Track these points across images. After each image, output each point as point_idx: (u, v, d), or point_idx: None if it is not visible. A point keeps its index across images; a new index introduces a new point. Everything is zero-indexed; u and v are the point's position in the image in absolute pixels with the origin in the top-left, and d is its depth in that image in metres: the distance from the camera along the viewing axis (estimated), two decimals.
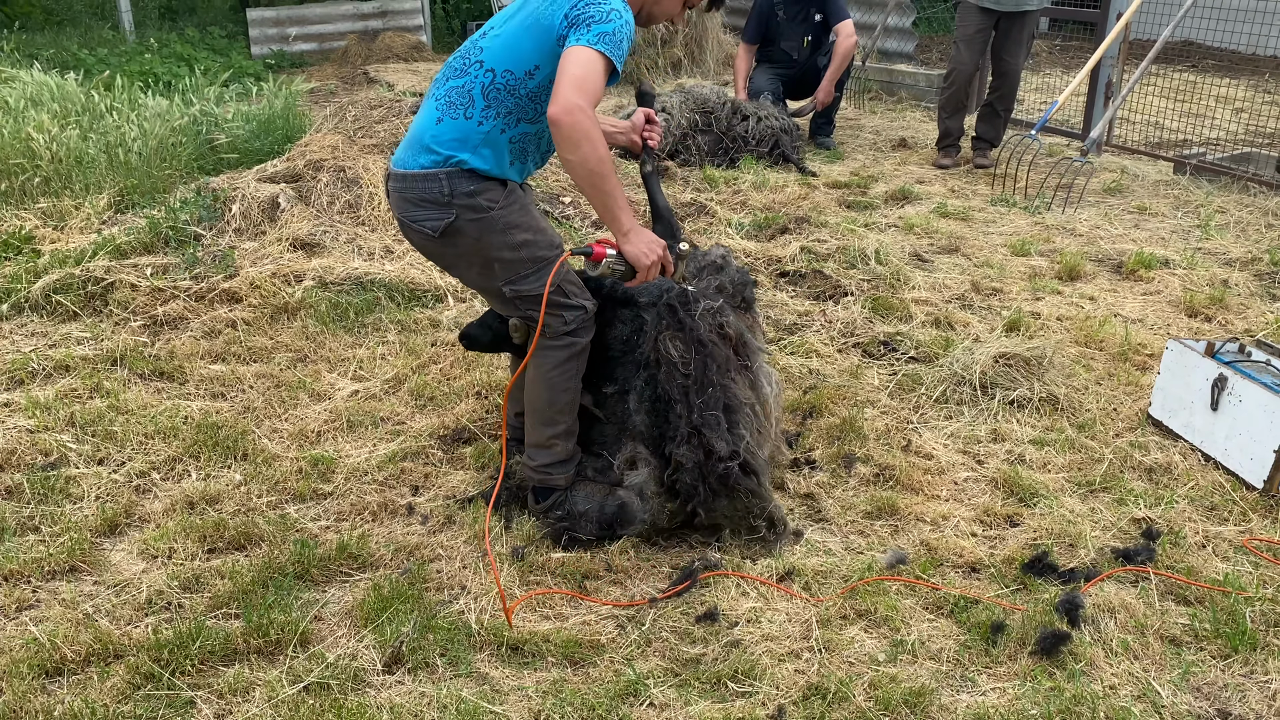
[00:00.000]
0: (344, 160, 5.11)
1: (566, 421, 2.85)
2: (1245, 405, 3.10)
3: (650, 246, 2.58)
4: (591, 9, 2.48)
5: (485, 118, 2.61)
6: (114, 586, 2.64)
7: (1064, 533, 2.87)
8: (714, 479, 2.67)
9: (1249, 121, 8.07)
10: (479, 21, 12.25)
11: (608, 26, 2.46)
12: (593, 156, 2.42)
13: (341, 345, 4.01)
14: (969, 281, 4.69)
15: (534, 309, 2.68)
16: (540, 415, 2.83)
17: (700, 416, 2.67)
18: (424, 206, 2.63)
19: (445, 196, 2.60)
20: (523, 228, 2.68)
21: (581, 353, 2.80)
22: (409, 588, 2.59)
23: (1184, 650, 2.42)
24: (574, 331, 2.75)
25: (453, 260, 2.77)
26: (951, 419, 3.52)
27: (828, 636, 2.45)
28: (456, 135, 2.61)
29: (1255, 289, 4.63)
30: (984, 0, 6.41)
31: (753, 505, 2.74)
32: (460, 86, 2.63)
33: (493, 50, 2.62)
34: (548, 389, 2.79)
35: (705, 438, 2.66)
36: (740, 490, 2.69)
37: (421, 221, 2.65)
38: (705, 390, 2.67)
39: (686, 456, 2.68)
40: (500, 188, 2.65)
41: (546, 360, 2.77)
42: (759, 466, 2.74)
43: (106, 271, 4.32)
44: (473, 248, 2.66)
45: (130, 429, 3.36)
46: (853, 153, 7.32)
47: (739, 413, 2.72)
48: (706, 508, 2.73)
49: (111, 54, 9.86)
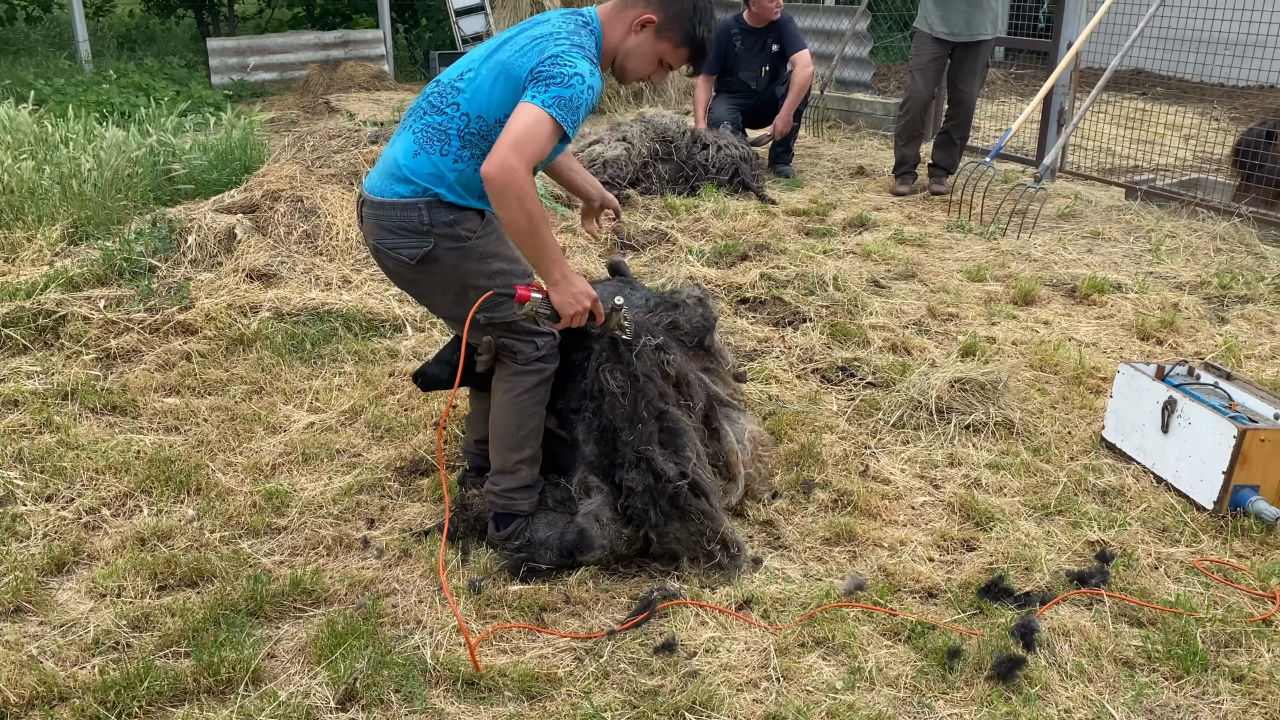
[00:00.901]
0: (302, 190, 5.09)
1: (532, 447, 2.87)
2: (1194, 427, 3.15)
3: (576, 297, 2.61)
4: (555, 69, 2.50)
5: (460, 157, 2.64)
6: (60, 627, 2.58)
7: (1020, 556, 2.89)
8: (664, 501, 2.67)
9: (1198, 148, 8.25)
10: (442, 51, 12.29)
11: (565, 91, 2.48)
12: (522, 215, 2.46)
13: (298, 376, 3.98)
14: (925, 307, 4.74)
15: (505, 335, 2.75)
16: (507, 440, 2.84)
17: (645, 443, 2.69)
18: (402, 234, 2.66)
19: (425, 225, 2.63)
20: (499, 257, 2.73)
21: (549, 379, 2.85)
22: (363, 623, 2.56)
23: (1137, 672, 2.44)
24: (544, 358, 2.80)
25: (428, 287, 2.79)
26: (909, 444, 3.54)
27: (786, 665, 2.45)
28: (433, 170, 2.64)
29: (1204, 312, 4.72)
30: (938, 30, 6.52)
31: (705, 527, 2.73)
32: (438, 125, 2.66)
33: (468, 95, 2.65)
34: (516, 414, 2.81)
35: (653, 462, 2.68)
36: (692, 511, 2.69)
37: (398, 249, 2.67)
38: (645, 419, 2.70)
39: (636, 481, 2.69)
40: (478, 218, 2.69)
41: (517, 385, 2.81)
42: (709, 487, 2.74)
43: (58, 304, 4.26)
44: (450, 275, 2.70)
45: (80, 464, 3.30)
46: (811, 180, 7.39)
47: (684, 435, 2.73)
48: (659, 532, 2.72)
49: (68, 84, 9.76)
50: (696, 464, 2.74)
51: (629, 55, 2.72)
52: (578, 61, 2.52)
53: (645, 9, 2.68)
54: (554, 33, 2.60)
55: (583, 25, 2.67)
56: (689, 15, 2.69)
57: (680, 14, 2.68)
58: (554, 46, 2.55)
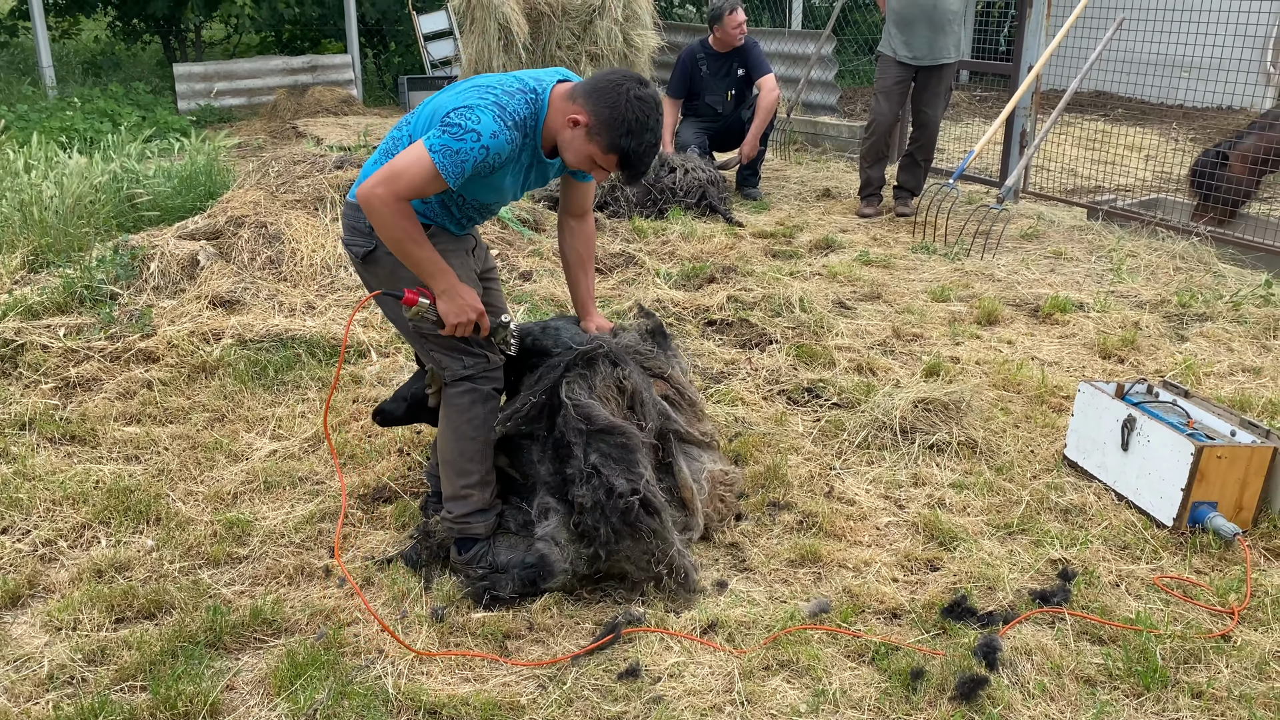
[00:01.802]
0: (266, 216, 5.06)
1: (479, 471, 2.87)
2: (1153, 445, 3.18)
3: (462, 309, 2.72)
4: (458, 117, 2.54)
5: None
6: (14, 662, 2.54)
7: (983, 575, 2.90)
8: (615, 517, 2.66)
9: (1158, 168, 8.38)
10: (411, 75, 12.30)
11: (455, 143, 2.52)
12: (391, 237, 2.63)
13: (260, 404, 3.94)
14: (890, 328, 4.77)
15: (435, 348, 2.84)
16: (452, 465, 2.86)
17: (597, 456, 2.70)
18: (353, 233, 2.84)
19: (366, 228, 2.78)
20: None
21: (486, 399, 2.86)
22: (324, 653, 2.53)
23: (1098, 690, 2.45)
24: (472, 377, 2.83)
25: (372, 285, 2.91)
26: (873, 464, 3.55)
27: (750, 689, 2.44)
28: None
29: (1164, 330, 4.78)
30: (901, 54, 6.61)
31: (655, 547, 2.72)
32: (395, 139, 2.80)
33: (418, 115, 2.78)
34: (456, 438, 2.84)
35: (604, 476, 2.68)
36: (643, 529, 2.69)
37: (350, 245, 2.86)
38: (597, 432, 2.72)
39: (587, 496, 2.69)
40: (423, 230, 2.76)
41: (451, 408, 2.86)
42: (660, 506, 2.74)
43: (17, 333, 4.20)
44: (386, 278, 2.83)
45: (37, 495, 3.25)
46: (778, 203, 7.44)
47: (636, 452, 2.74)
48: (609, 549, 2.71)
49: (32, 110, 9.69)
50: (649, 482, 2.73)
51: (565, 147, 2.68)
52: (484, 119, 2.53)
53: (580, 108, 2.62)
54: (489, 86, 2.64)
55: (525, 91, 2.64)
56: (617, 124, 2.58)
57: (610, 122, 2.59)
58: (475, 98, 2.58)
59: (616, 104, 2.58)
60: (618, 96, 2.58)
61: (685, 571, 2.78)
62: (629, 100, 2.58)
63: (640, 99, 2.59)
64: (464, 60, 9.62)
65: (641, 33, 9.45)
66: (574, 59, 9.40)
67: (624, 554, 2.73)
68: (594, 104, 2.60)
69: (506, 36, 9.07)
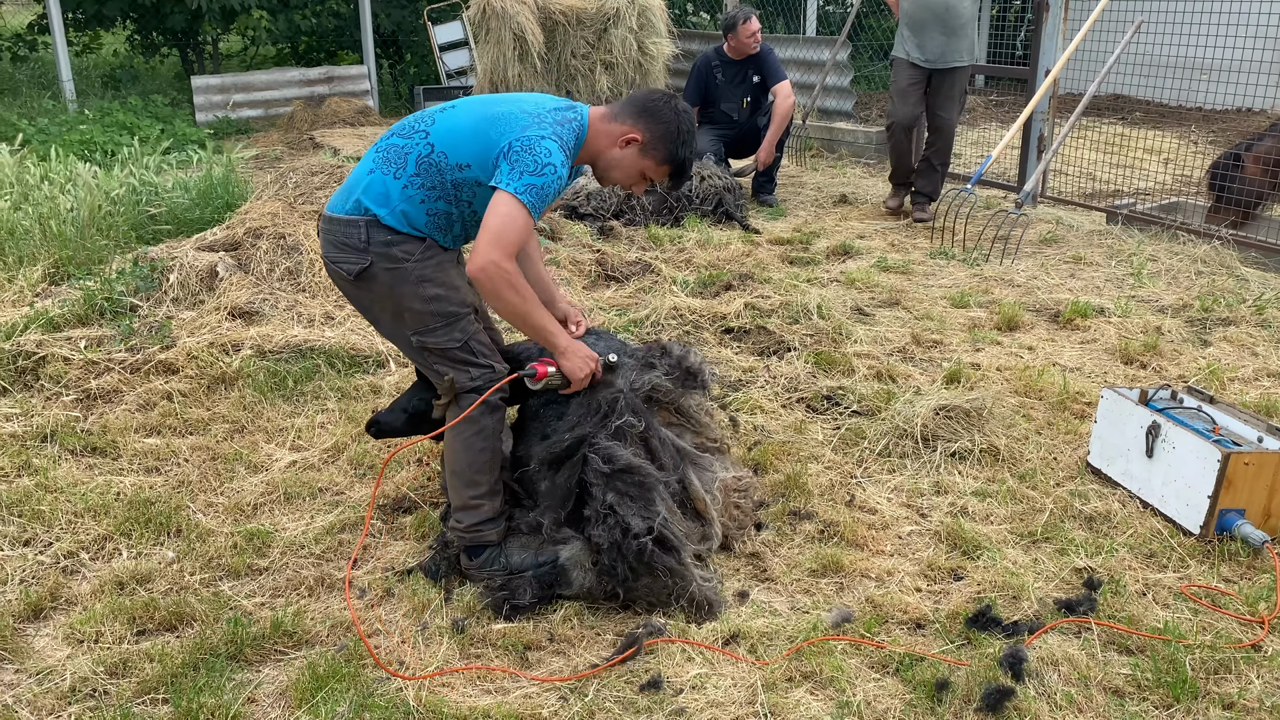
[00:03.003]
0: (284, 227, 5.08)
1: (488, 481, 2.86)
2: (1179, 452, 3.15)
3: (584, 362, 2.76)
4: (529, 158, 2.56)
5: (411, 184, 2.68)
6: (36, 674, 2.54)
7: (1007, 585, 2.87)
8: (631, 556, 2.65)
9: (1177, 171, 8.31)
10: (426, 85, 12.35)
11: (538, 180, 2.55)
12: (513, 304, 2.59)
13: (280, 415, 3.95)
14: (910, 334, 4.74)
15: (439, 361, 2.78)
16: (461, 477, 2.84)
17: (615, 495, 2.69)
18: (344, 249, 2.72)
19: (362, 243, 2.69)
20: (435, 282, 2.74)
21: (494, 409, 2.84)
22: (345, 665, 2.52)
23: (1127, 701, 2.42)
24: (480, 389, 2.79)
25: (367, 304, 2.83)
26: (895, 472, 3.53)
27: (773, 700, 2.42)
28: (381, 190, 2.70)
29: (1187, 335, 4.73)
30: (915, 57, 6.64)
31: (673, 586, 2.72)
32: (399, 146, 2.72)
33: (441, 128, 2.71)
34: (466, 450, 2.82)
35: (620, 515, 2.67)
36: (659, 568, 2.68)
37: (339, 263, 2.73)
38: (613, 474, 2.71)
39: (603, 536, 2.68)
40: (418, 243, 2.73)
41: (463, 424, 2.81)
42: (678, 543, 2.72)
43: (38, 345, 4.23)
44: (385, 295, 2.74)
45: (59, 508, 3.26)
46: (795, 209, 7.42)
47: (653, 490, 2.72)
48: (627, 587, 2.72)
49: (52, 123, 9.76)
50: (666, 519, 2.72)
51: (613, 166, 2.80)
52: (554, 151, 2.59)
53: (632, 127, 2.76)
54: (540, 114, 2.67)
55: (571, 120, 2.71)
56: (673, 137, 2.76)
57: (665, 136, 2.76)
58: (536, 129, 2.61)
59: (668, 120, 2.75)
60: (667, 112, 2.76)
61: (708, 604, 2.76)
62: (677, 114, 2.77)
63: (684, 111, 2.80)
64: (479, 70, 9.64)
65: (656, 41, 9.46)
66: (589, 68, 9.42)
67: (641, 591, 2.73)
68: (647, 122, 2.75)
69: (521, 46, 9.10)
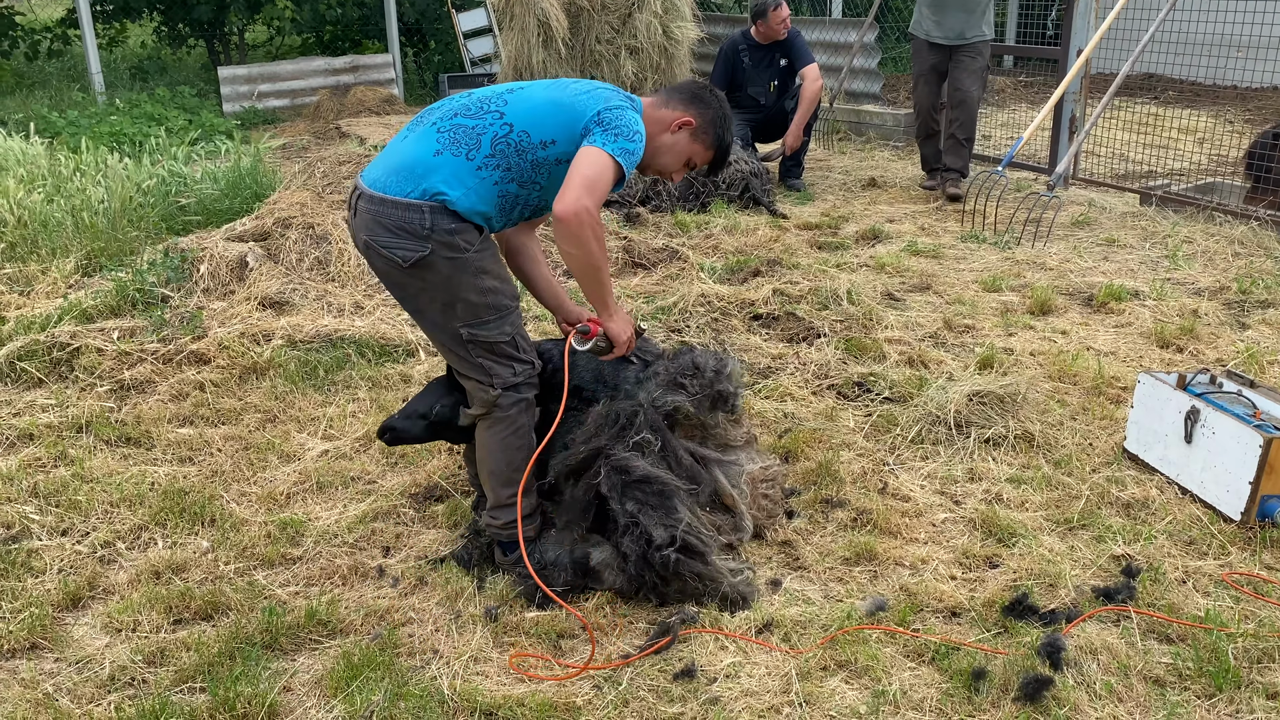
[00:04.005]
0: (313, 217, 5.09)
1: (524, 479, 2.83)
2: (1218, 437, 3.10)
3: (628, 325, 2.86)
4: (622, 124, 2.61)
5: (486, 165, 2.60)
6: (76, 663, 2.57)
7: (1044, 572, 2.84)
8: (657, 566, 2.65)
9: (1212, 151, 8.18)
10: (451, 73, 12.34)
11: (629, 144, 2.60)
12: (593, 253, 2.58)
13: (311, 404, 3.97)
14: (941, 319, 4.70)
15: (484, 355, 2.71)
16: (498, 476, 2.82)
17: (634, 504, 2.69)
18: (399, 234, 2.58)
19: (425, 230, 2.56)
20: (492, 274, 2.69)
21: (529, 407, 2.82)
22: (379, 654, 2.53)
23: (1168, 691, 2.39)
24: (518, 386, 2.77)
25: (416, 292, 2.69)
26: (928, 459, 3.50)
27: (808, 690, 2.41)
28: (453, 172, 2.58)
29: (1225, 318, 4.66)
30: (934, 35, 6.75)
31: (704, 587, 2.71)
32: (470, 127, 2.62)
33: (517, 108, 2.66)
34: (504, 449, 2.80)
35: (642, 525, 2.66)
36: (686, 575, 2.68)
37: (392, 249, 2.59)
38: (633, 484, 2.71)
39: (630, 548, 2.68)
40: (477, 232, 2.64)
41: (500, 421, 2.79)
42: (703, 547, 2.71)
43: (72, 336, 4.26)
44: (441, 284, 2.63)
45: (95, 498, 3.29)
46: (823, 194, 7.37)
47: (673, 497, 2.71)
48: (658, 592, 2.73)
49: (82, 115, 9.84)
50: (690, 524, 2.71)
51: (661, 151, 2.82)
52: (635, 121, 2.67)
53: (685, 111, 2.82)
54: (609, 95, 2.71)
55: (630, 104, 2.75)
56: (721, 122, 2.85)
57: (715, 120, 2.84)
58: (617, 101, 2.68)
59: (715, 105, 2.85)
60: (713, 100, 2.86)
61: (741, 599, 2.74)
62: (721, 101, 2.87)
63: (724, 100, 2.91)
64: (503, 57, 9.62)
65: (681, 25, 9.39)
66: (613, 53, 9.37)
67: (673, 594, 2.73)
68: (699, 108, 2.83)
69: (546, 32, 9.06)
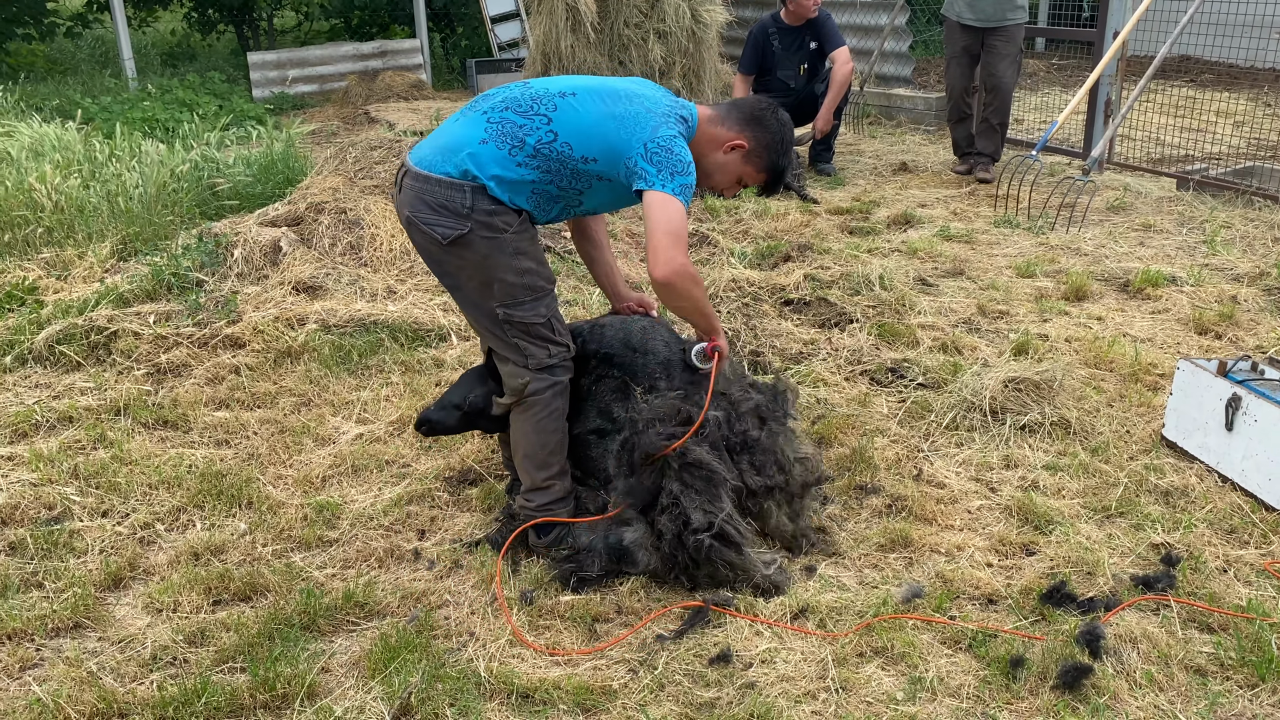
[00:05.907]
0: (345, 202, 5.11)
1: (559, 461, 2.88)
2: (1261, 425, 3.06)
3: (724, 339, 2.90)
4: (673, 160, 2.59)
5: (527, 164, 2.64)
6: (118, 642, 2.60)
7: (1081, 560, 2.82)
8: (690, 548, 2.65)
9: (1250, 135, 8.05)
10: (479, 59, 12.34)
11: (685, 179, 2.60)
12: (698, 299, 2.68)
13: (345, 388, 3.99)
14: (975, 305, 4.66)
15: (520, 336, 2.75)
16: (534, 460, 2.85)
17: (679, 485, 2.69)
18: (440, 212, 2.64)
19: (465, 209, 2.63)
20: (529, 256, 2.72)
21: (564, 391, 2.85)
22: (416, 636, 2.55)
23: (1209, 680, 2.37)
24: (553, 369, 2.79)
25: (454, 270, 2.74)
26: (963, 446, 3.47)
27: (844, 676, 2.40)
28: (494, 162, 2.63)
29: (1265, 304, 4.59)
30: (966, 17, 6.62)
31: (735, 575, 2.71)
32: (518, 125, 2.65)
33: (566, 116, 2.65)
34: (538, 433, 2.82)
35: (683, 506, 2.66)
36: (718, 563, 2.68)
37: (433, 225, 2.65)
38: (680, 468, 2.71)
39: (666, 527, 2.68)
40: (516, 215, 2.69)
41: (534, 405, 2.81)
42: (740, 539, 2.70)
43: (109, 320, 4.31)
44: (479, 263, 2.68)
45: (134, 480, 3.33)
46: (853, 178, 7.32)
47: (721, 487, 2.71)
48: (689, 575, 2.72)
49: (114, 101, 9.92)
50: (731, 514, 2.70)
51: (715, 169, 2.83)
52: (685, 150, 2.64)
53: (739, 134, 2.80)
54: (664, 113, 2.67)
55: (681, 119, 2.72)
56: (776, 147, 2.83)
57: (770, 145, 2.82)
58: (666, 129, 2.63)
59: (774, 130, 2.81)
60: (772, 123, 2.82)
61: (774, 588, 2.73)
62: (781, 124, 2.83)
63: (787, 124, 2.86)
64: (531, 42, 9.60)
65: (709, 8, 9.33)
66: (641, 37, 9.32)
67: (704, 580, 2.73)
68: (755, 130, 2.80)
69: (574, 17, 9.03)
